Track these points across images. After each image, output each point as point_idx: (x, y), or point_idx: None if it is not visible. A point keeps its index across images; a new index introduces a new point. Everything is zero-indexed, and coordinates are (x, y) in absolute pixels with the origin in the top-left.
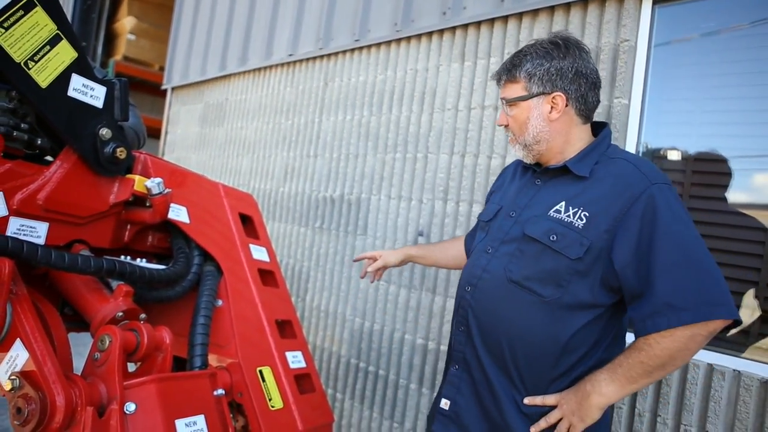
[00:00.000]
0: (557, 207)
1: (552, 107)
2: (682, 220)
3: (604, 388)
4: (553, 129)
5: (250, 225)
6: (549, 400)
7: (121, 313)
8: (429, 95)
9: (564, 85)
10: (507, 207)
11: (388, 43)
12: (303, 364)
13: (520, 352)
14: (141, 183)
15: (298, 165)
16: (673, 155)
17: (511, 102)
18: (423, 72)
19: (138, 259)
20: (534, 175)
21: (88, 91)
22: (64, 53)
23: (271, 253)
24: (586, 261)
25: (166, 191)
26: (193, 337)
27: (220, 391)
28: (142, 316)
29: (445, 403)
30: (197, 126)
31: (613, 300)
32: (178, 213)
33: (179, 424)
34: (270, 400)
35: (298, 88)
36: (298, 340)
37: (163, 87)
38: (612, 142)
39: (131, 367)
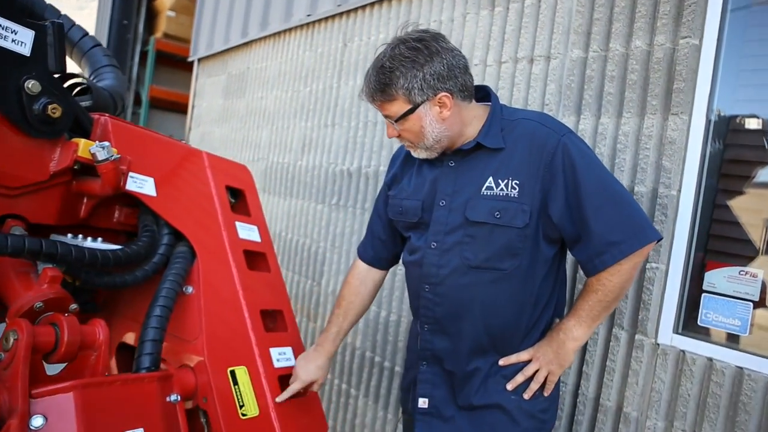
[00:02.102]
0: (487, 184)
1: (441, 107)
2: (594, 162)
3: (575, 332)
4: (448, 124)
5: (241, 200)
6: (523, 356)
7: (40, 304)
8: None
9: (444, 85)
10: (432, 198)
11: None
12: (292, 363)
13: (494, 325)
14: (86, 148)
15: (316, 136)
16: (752, 124)
17: (399, 119)
18: (448, 23)
19: (89, 239)
20: (444, 158)
21: (7, 35)
22: None
23: (263, 232)
24: (531, 225)
25: (114, 157)
26: (144, 332)
27: (174, 397)
28: (73, 306)
29: (423, 402)
30: (221, 98)
31: (556, 250)
32: (142, 184)
33: None
34: (241, 406)
35: (317, 52)
36: (289, 333)
37: (190, 59)
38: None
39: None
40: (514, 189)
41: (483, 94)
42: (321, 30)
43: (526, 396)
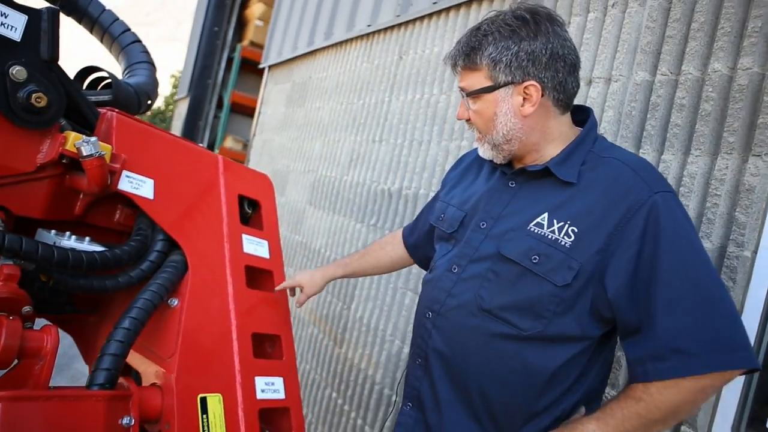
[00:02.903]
0: (538, 220)
1: (525, 99)
2: (690, 240)
3: None
4: (527, 125)
5: (256, 212)
6: None
7: None
8: None
9: (538, 72)
10: (474, 215)
11: (469, 3)
12: (280, 395)
13: (492, 394)
14: (74, 142)
15: (363, 151)
16: None
17: (472, 94)
18: None
19: (73, 237)
20: (506, 176)
21: None
22: None
23: (275, 248)
24: (574, 287)
25: (100, 153)
26: (105, 344)
27: (127, 420)
28: (26, 308)
29: None
30: (283, 106)
31: (604, 331)
32: (138, 185)
33: None
34: None
35: (374, 64)
36: (284, 362)
37: (261, 65)
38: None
39: None
40: (569, 237)
41: (583, 117)
42: (379, 41)
43: None
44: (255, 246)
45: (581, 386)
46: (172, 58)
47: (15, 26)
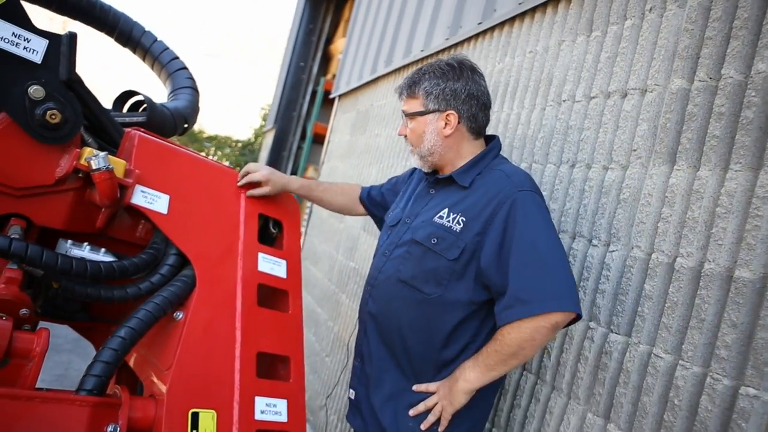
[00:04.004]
0: (441, 213)
1: (446, 123)
2: (539, 224)
3: (467, 374)
4: (445, 143)
5: (278, 232)
6: (431, 387)
7: None
8: (544, 84)
9: (457, 105)
10: (405, 214)
11: (512, 20)
12: (281, 417)
13: (409, 343)
14: (85, 157)
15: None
16: None
17: (410, 116)
18: (542, 54)
19: (88, 248)
20: (428, 184)
21: (20, 42)
22: None
23: (293, 268)
24: (461, 261)
25: (108, 167)
26: (100, 351)
27: (111, 428)
28: (23, 311)
29: (351, 393)
30: (348, 134)
31: (488, 297)
32: (153, 200)
33: None
34: None
35: None
36: (291, 384)
37: (332, 96)
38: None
39: None
40: (458, 224)
41: (493, 143)
42: None
43: (423, 426)
44: (272, 265)
45: (475, 344)
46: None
47: (36, 50)
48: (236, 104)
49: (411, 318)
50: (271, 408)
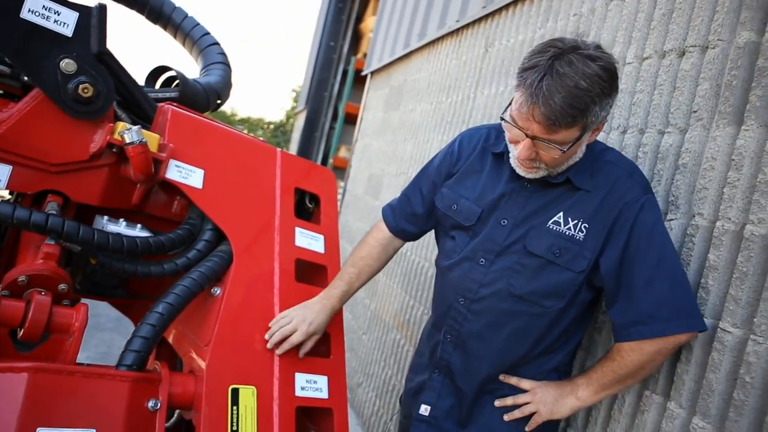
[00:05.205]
0: (556, 218)
1: (593, 134)
2: (664, 233)
3: (580, 392)
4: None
5: (316, 205)
6: (524, 384)
7: (23, 278)
8: None
9: (607, 113)
10: (492, 212)
11: None
12: (322, 394)
13: (516, 355)
14: (118, 131)
15: None
16: None
17: (569, 148)
18: (588, 16)
19: (124, 223)
20: (521, 181)
21: (50, 15)
22: None
23: (331, 244)
24: (586, 272)
25: (140, 141)
26: (138, 327)
27: (152, 403)
28: (62, 286)
29: (424, 409)
30: (381, 111)
31: (593, 296)
32: (187, 175)
33: None
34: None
35: (461, 60)
36: (331, 361)
37: (363, 73)
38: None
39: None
40: (581, 232)
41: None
42: (467, 36)
43: (506, 418)
44: (309, 240)
45: (573, 341)
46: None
47: (67, 23)
48: (268, 87)
49: (522, 331)
50: (311, 384)
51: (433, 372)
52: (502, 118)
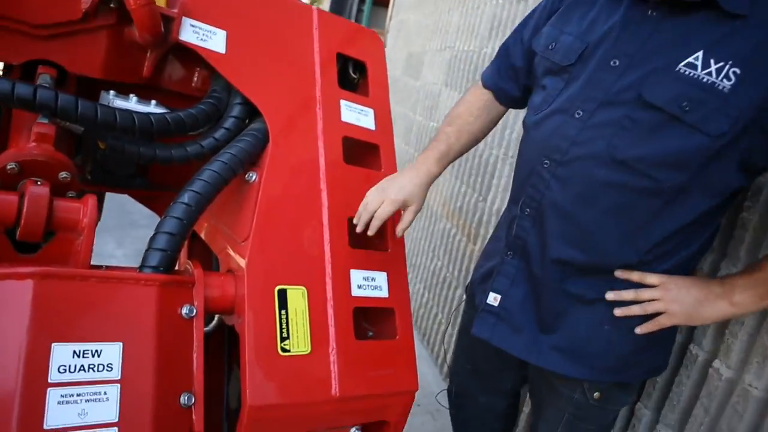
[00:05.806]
0: (691, 59)
1: None
2: None
3: (738, 295)
4: None
5: (361, 76)
6: (650, 279)
7: (12, 165)
8: None
9: None
10: (599, 48)
11: None
12: (381, 293)
13: (613, 244)
14: None
15: (506, 15)
16: None
17: None
18: None
19: (134, 99)
20: (646, 4)
21: None
22: None
23: (382, 118)
24: (728, 137)
25: None
26: (162, 221)
27: (187, 310)
28: (63, 174)
29: (494, 298)
30: None
31: (744, 183)
32: (207, 37)
33: (59, 351)
34: (283, 339)
35: None
36: (390, 255)
37: None
38: None
39: None
40: (728, 80)
41: None
42: None
43: (617, 312)
44: (357, 115)
45: (699, 238)
46: None
47: None
48: None
49: (622, 211)
50: (369, 282)
51: (505, 254)
52: None
